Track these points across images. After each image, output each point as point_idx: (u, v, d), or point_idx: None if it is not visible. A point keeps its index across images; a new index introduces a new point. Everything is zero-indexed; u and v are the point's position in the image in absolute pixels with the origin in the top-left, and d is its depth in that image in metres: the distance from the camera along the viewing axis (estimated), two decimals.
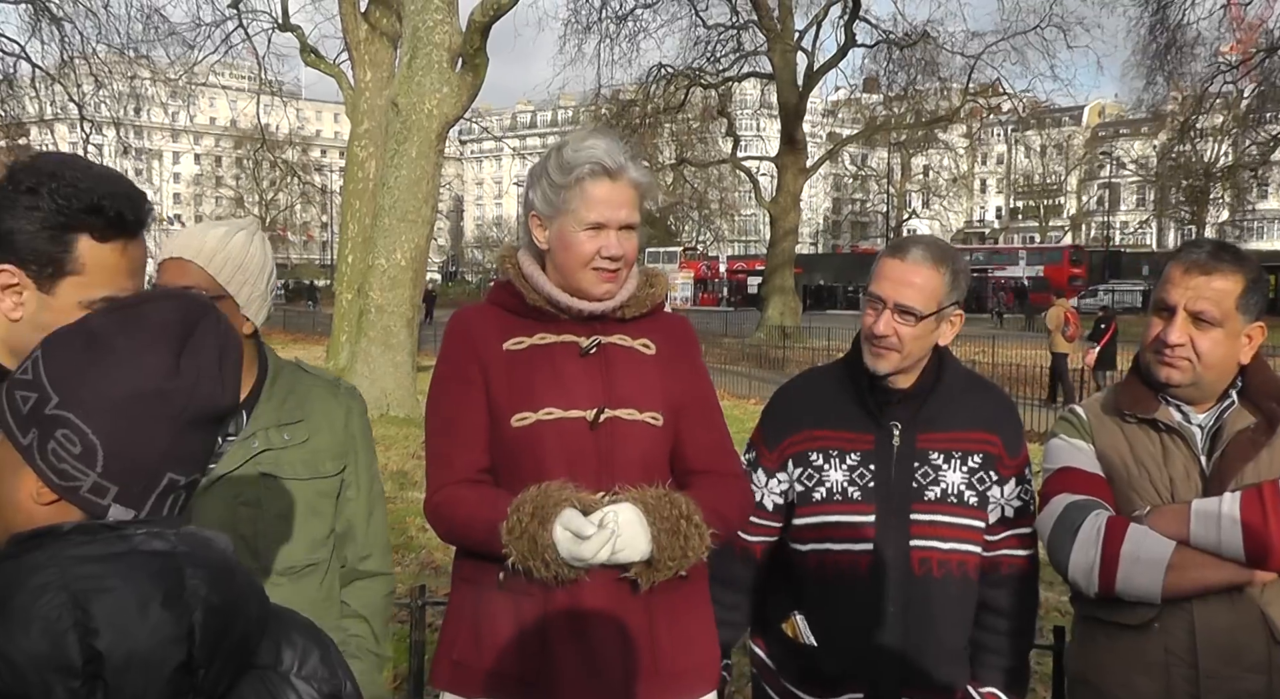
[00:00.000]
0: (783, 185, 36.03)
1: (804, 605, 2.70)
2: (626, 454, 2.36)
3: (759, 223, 79.27)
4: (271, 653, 1.23)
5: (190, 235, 2.37)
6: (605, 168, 2.33)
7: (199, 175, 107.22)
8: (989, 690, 2.66)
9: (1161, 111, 45.25)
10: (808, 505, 2.68)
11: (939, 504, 2.61)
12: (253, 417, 2.40)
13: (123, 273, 1.80)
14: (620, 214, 2.35)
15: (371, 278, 14.91)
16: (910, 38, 37.09)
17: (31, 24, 28.34)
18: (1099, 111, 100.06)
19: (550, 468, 2.33)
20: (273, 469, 2.39)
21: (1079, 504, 2.52)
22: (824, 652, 2.66)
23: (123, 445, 1.21)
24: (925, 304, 2.57)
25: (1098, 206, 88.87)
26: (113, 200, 1.76)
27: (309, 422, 2.45)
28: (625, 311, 2.44)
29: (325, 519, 2.48)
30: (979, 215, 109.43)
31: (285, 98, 33.15)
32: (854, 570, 2.61)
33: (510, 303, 2.45)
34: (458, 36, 14.29)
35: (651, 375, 2.43)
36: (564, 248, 2.37)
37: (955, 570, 2.62)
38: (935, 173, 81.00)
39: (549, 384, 2.37)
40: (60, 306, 1.75)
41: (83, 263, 1.76)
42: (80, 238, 1.75)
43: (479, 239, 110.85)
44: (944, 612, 2.61)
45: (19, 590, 1.08)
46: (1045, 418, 13.75)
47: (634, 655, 2.34)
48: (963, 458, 2.64)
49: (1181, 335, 2.44)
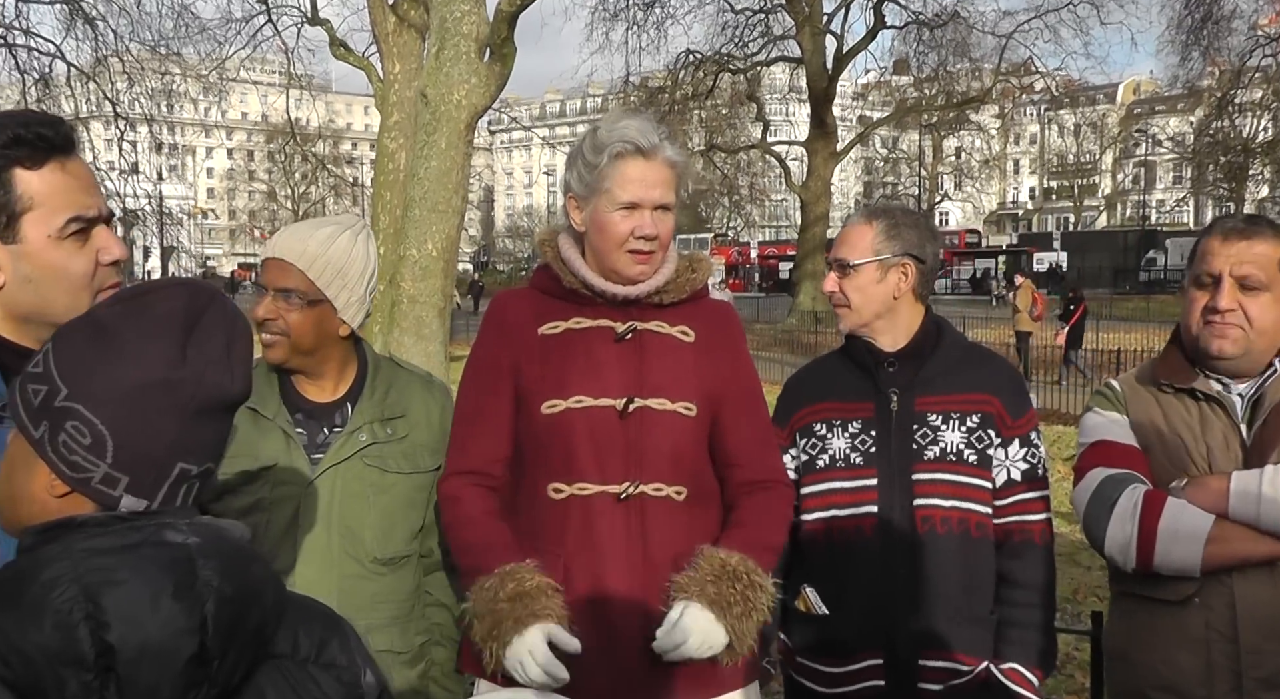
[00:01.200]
0: (813, 170, 35.86)
1: (813, 577, 2.72)
2: (656, 444, 2.35)
3: (789, 208, 78.98)
4: (289, 641, 1.23)
5: (294, 236, 2.41)
6: (639, 147, 2.32)
7: (231, 170, 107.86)
8: (1010, 666, 2.62)
9: (1198, 87, 44.69)
10: (812, 473, 2.71)
11: (938, 462, 2.63)
12: (356, 411, 2.46)
13: (75, 190, 1.72)
14: (654, 194, 2.33)
15: (403, 269, 14.92)
16: (940, 18, 36.83)
17: (66, 24, 28.61)
18: (1134, 89, 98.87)
19: (579, 456, 2.33)
20: (377, 462, 2.45)
21: (1115, 478, 2.49)
22: (837, 619, 2.67)
23: (131, 436, 1.21)
24: (852, 255, 2.70)
25: (1133, 185, 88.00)
26: (28, 126, 1.69)
27: (409, 416, 2.51)
28: (663, 297, 2.42)
29: (421, 511, 2.53)
30: (1012, 197, 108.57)
31: (315, 92, 33.34)
32: (860, 535, 2.63)
33: (548, 286, 2.45)
34: (485, 27, 14.26)
35: (687, 363, 2.41)
36: (598, 229, 2.36)
37: (957, 527, 2.62)
38: (967, 154, 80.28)
39: (581, 371, 2.36)
40: (35, 249, 1.68)
41: (29, 196, 1.67)
42: (14, 172, 1.67)
43: (510, 229, 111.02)
44: (950, 569, 2.61)
45: (32, 583, 1.09)
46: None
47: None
48: (961, 418, 2.66)
49: (1231, 301, 2.41)
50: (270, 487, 2.37)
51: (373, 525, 2.44)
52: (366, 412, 2.46)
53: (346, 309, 2.41)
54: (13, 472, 1.26)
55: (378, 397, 2.49)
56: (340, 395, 2.48)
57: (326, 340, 2.41)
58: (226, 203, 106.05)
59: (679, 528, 2.36)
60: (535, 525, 2.38)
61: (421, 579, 2.57)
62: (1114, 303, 37.63)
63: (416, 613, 2.54)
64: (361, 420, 2.45)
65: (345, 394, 2.48)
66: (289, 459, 2.39)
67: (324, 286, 2.36)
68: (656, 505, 2.35)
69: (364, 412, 2.46)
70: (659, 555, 2.34)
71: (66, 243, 1.70)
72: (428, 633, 2.56)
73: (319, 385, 2.46)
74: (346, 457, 2.41)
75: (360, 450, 2.43)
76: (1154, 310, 30.25)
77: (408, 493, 2.49)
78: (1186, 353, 2.54)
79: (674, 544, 2.34)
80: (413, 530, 2.52)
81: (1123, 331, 22.99)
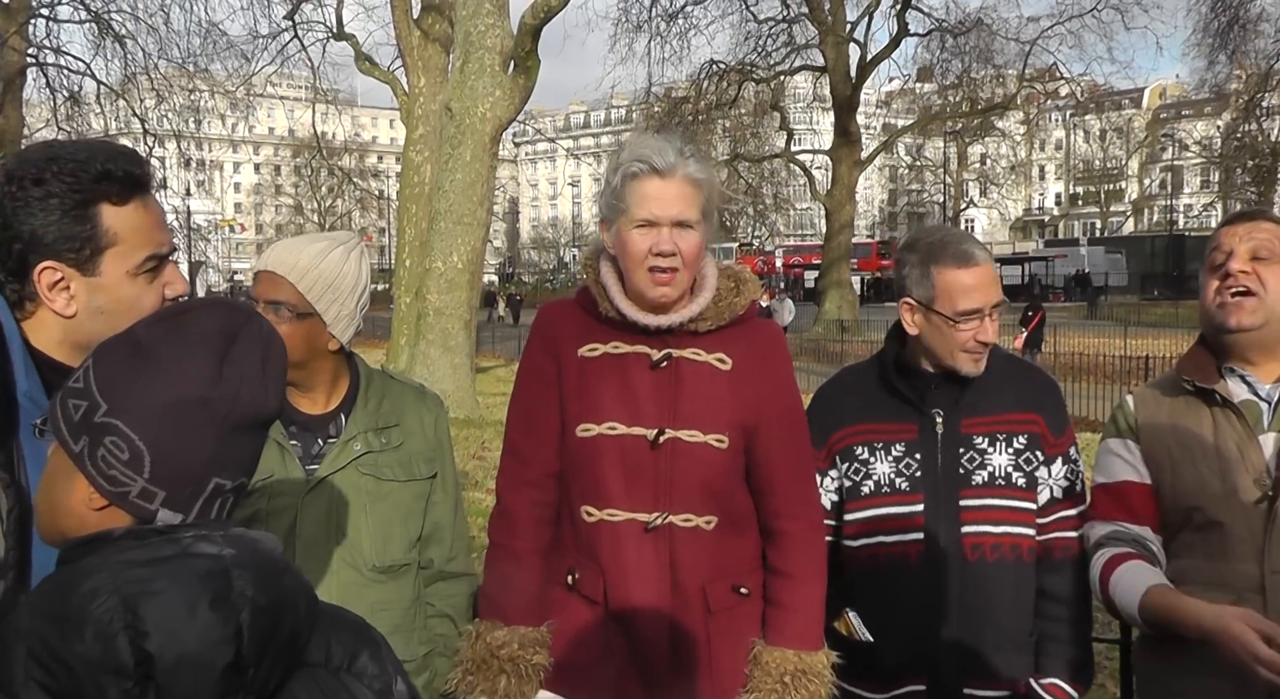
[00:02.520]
0: (837, 178, 35.82)
1: (857, 601, 2.68)
2: (686, 476, 2.35)
3: (814, 216, 78.82)
4: (321, 650, 1.25)
5: (287, 249, 2.41)
6: (653, 166, 2.32)
7: (258, 184, 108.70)
8: (1051, 681, 2.62)
9: (1225, 91, 44.49)
10: (856, 500, 2.67)
11: (987, 488, 2.61)
12: (350, 421, 2.45)
13: (152, 227, 1.78)
14: (671, 210, 2.31)
15: (429, 281, 15.01)
16: (964, 25, 36.77)
17: (96, 42, 28.96)
18: (1160, 93, 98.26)
19: (608, 483, 2.36)
20: (373, 471, 2.45)
21: (1100, 538, 2.57)
22: (882, 645, 2.64)
23: (168, 452, 1.23)
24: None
25: (1160, 190, 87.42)
26: (116, 162, 1.74)
27: (403, 426, 2.51)
28: (699, 325, 2.39)
29: (418, 520, 2.53)
30: (1038, 203, 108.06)
31: (341, 106, 33.55)
32: (906, 561, 2.61)
33: (589, 306, 2.45)
34: (509, 40, 14.35)
35: (722, 393, 2.38)
36: (622, 249, 2.36)
37: (1009, 554, 2.60)
38: (992, 161, 79.94)
39: (615, 397, 2.37)
40: (111, 283, 1.74)
41: (114, 232, 1.73)
42: (102, 208, 1.72)
43: (535, 240, 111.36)
44: (1000, 596, 2.60)
45: (73, 594, 1.11)
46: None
47: (690, 670, 2.36)
48: (1007, 440, 2.63)
49: (1245, 264, 2.39)
50: (267, 499, 2.36)
51: (370, 534, 2.43)
52: (360, 421, 2.46)
53: (336, 323, 2.39)
54: (53, 484, 1.29)
55: (371, 407, 2.48)
56: (333, 407, 2.47)
57: (316, 354, 2.40)
58: (254, 217, 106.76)
59: (707, 556, 2.38)
60: (576, 541, 2.42)
61: (422, 590, 2.57)
62: (1142, 309, 37.38)
63: (419, 623, 2.54)
64: (355, 430, 2.44)
65: (338, 406, 2.47)
66: (284, 471, 2.38)
67: (314, 300, 2.35)
68: (685, 535, 2.36)
69: (358, 421, 2.46)
70: (688, 583, 2.36)
71: (140, 278, 1.76)
72: (430, 643, 2.56)
73: (311, 398, 2.45)
74: (342, 466, 2.41)
75: (355, 459, 2.42)
76: (1183, 316, 30.03)
77: (405, 501, 2.49)
78: (1211, 349, 2.51)
79: (703, 572, 2.37)
80: (411, 539, 2.51)
81: (1150, 338, 22.85)
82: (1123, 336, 21.21)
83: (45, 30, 29.10)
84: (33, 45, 28.54)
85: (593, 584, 2.38)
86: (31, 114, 31.57)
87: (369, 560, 2.43)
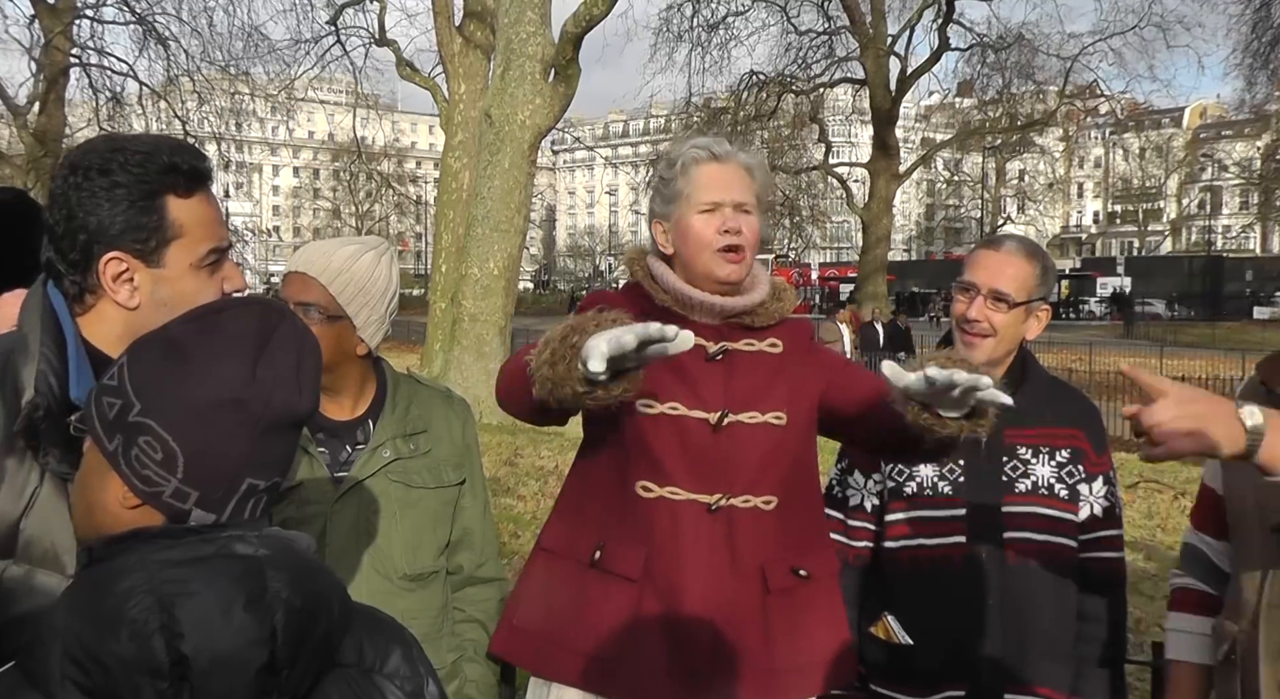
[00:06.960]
0: (875, 191, 35.69)
1: (896, 605, 2.68)
2: (746, 457, 2.37)
3: (851, 229, 78.55)
4: (354, 651, 1.25)
5: (319, 251, 2.41)
6: (712, 152, 2.39)
7: (297, 188, 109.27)
8: None
9: (1265, 112, 44.07)
10: (899, 501, 2.68)
11: (1031, 495, 2.61)
12: (378, 427, 2.45)
13: (214, 221, 1.79)
14: (733, 193, 2.37)
15: (465, 287, 15.06)
16: (1005, 40, 36.55)
17: (139, 44, 29.28)
18: (1200, 112, 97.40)
19: (670, 460, 2.35)
20: (402, 478, 2.44)
21: (1184, 552, 2.51)
22: (921, 649, 2.63)
23: (202, 452, 1.23)
24: (1018, 292, 2.63)
25: (1199, 210, 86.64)
26: (181, 155, 1.75)
27: (431, 432, 2.50)
28: (754, 319, 2.43)
29: (447, 526, 2.53)
30: (1075, 220, 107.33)
31: (381, 111, 33.75)
32: (948, 565, 2.61)
33: (640, 304, 2.43)
34: (550, 48, 14.39)
35: (777, 373, 2.43)
36: (684, 237, 2.38)
37: (1050, 561, 2.60)
38: (1030, 177, 79.44)
39: (675, 382, 2.37)
40: (174, 276, 1.74)
41: (179, 223, 1.73)
42: (168, 199, 1.72)
43: (571, 248, 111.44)
44: (1043, 603, 2.59)
45: (109, 594, 1.11)
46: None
47: (740, 652, 2.34)
48: (1051, 453, 2.64)
49: None
50: (296, 506, 2.34)
51: (400, 541, 2.43)
52: (389, 428, 2.45)
53: (365, 327, 2.39)
54: (88, 481, 1.29)
55: (399, 413, 2.47)
56: (360, 413, 2.46)
57: (344, 358, 2.39)
58: (291, 220, 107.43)
59: (766, 535, 2.38)
60: (622, 516, 2.39)
61: (450, 596, 2.57)
62: (1179, 329, 37.01)
63: (447, 630, 2.53)
64: (384, 437, 2.43)
65: (366, 412, 2.46)
66: (313, 478, 2.37)
67: (345, 303, 2.35)
68: (744, 515, 2.37)
69: (386, 428, 2.45)
70: (747, 563, 2.36)
71: (202, 272, 1.77)
72: (459, 650, 2.55)
73: (338, 403, 2.44)
74: (371, 473, 2.40)
75: (384, 466, 2.41)
76: (1219, 338, 29.71)
77: (434, 508, 2.48)
78: None
79: (762, 551, 2.37)
80: (440, 546, 2.51)
81: (1187, 358, 22.64)
82: (1159, 357, 20.98)
83: (90, 31, 29.46)
84: (76, 45, 28.87)
85: (629, 560, 2.34)
86: (74, 113, 31.94)
87: (399, 568, 2.42)
